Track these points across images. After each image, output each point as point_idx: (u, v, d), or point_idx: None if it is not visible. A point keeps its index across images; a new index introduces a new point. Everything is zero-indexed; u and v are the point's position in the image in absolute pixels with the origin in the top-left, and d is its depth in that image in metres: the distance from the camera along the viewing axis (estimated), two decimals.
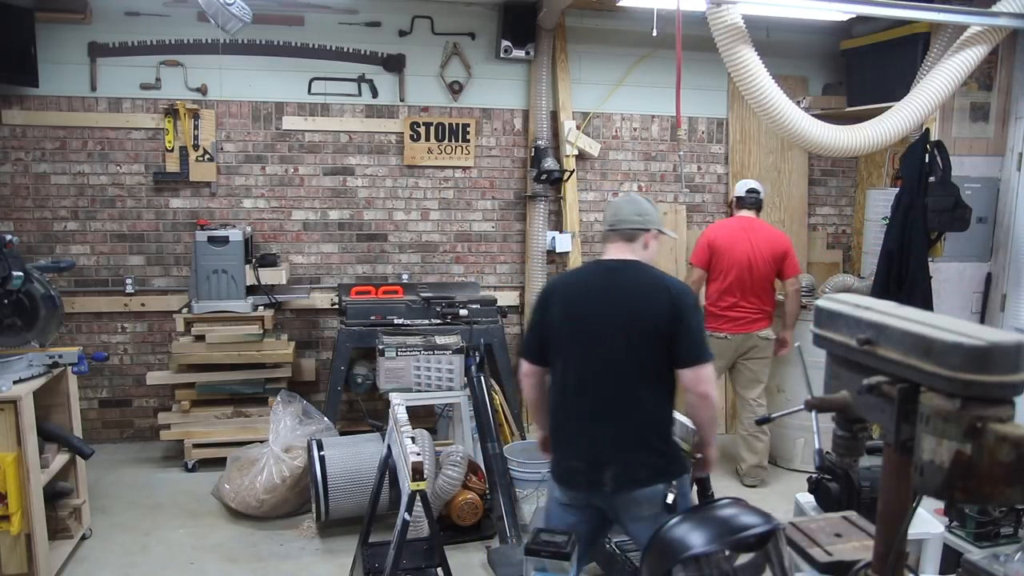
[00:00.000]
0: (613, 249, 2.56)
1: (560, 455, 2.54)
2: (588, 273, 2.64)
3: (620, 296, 2.44)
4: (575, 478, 2.46)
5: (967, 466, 0.92)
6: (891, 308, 1.08)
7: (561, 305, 2.50)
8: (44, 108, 4.81)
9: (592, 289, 2.50)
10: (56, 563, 3.44)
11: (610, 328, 2.41)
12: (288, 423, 4.17)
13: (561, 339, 2.49)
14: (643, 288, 2.44)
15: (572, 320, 2.47)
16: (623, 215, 2.54)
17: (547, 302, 2.55)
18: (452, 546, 3.65)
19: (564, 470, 2.51)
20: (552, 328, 2.50)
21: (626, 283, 2.47)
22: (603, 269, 2.56)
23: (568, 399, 2.49)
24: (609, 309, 2.43)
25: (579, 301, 2.49)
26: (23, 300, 3.41)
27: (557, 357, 2.51)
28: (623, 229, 2.53)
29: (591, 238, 5.64)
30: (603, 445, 2.41)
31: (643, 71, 5.49)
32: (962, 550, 2.68)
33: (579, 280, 2.61)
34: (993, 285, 5.14)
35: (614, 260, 2.54)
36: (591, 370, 2.44)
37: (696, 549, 1.32)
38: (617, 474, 2.39)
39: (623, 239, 2.53)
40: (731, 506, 1.44)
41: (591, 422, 2.44)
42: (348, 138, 5.20)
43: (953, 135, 4.98)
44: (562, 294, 2.54)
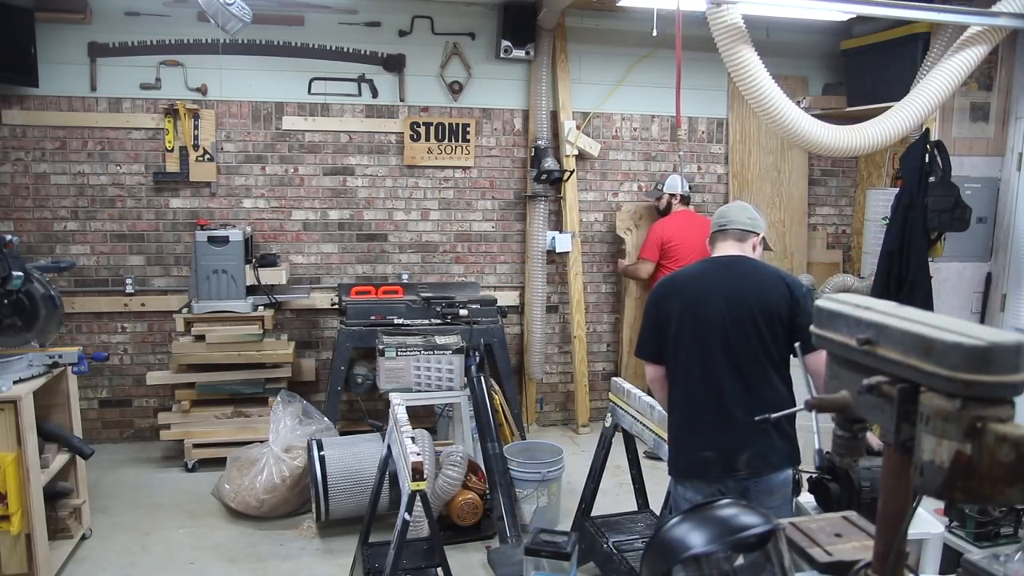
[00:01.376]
0: (723, 247, 2.67)
1: (688, 448, 2.57)
2: (704, 269, 2.68)
3: (741, 287, 2.54)
4: (708, 468, 2.51)
5: (967, 466, 0.92)
6: (891, 308, 1.08)
7: (682, 302, 2.57)
8: (44, 108, 4.81)
9: (712, 283, 2.58)
10: (56, 563, 3.45)
11: (736, 318, 2.50)
12: (288, 423, 4.17)
13: (683, 335, 2.55)
14: (762, 278, 2.56)
15: (696, 314, 2.53)
16: (734, 217, 2.66)
17: (664, 302, 2.62)
18: (452, 546, 3.65)
19: (695, 462, 2.55)
20: (672, 326, 2.57)
21: (744, 274, 2.57)
22: (718, 264, 2.64)
23: (696, 391, 2.54)
24: (732, 300, 2.52)
25: (701, 295, 2.56)
26: (23, 300, 3.41)
27: (679, 352, 2.56)
28: (734, 229, 2.65)
29: (591, 238, 5.64)
30: (737, 432, 2.47)
31: (643, 71, 5.50)
32: (962, 550, 2.68)
33: (696, 276, 2.66)
34: (993, 285, 5.15)
35: (727, 255, 2.64)
36: (720, 360, 2.50)
37: (696, 549, 1.32)
38: (751, 458, 2.47)
39: (734, 239, 2.65)
40: (731, 506, 1.44)
41: (723, 411, 2.49)
42: (348, 138, 5.20)
43: (953, 135, 4.98)
44: (680, 292, 2.60)
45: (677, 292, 2.61)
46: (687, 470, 2.57)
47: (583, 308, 5.57)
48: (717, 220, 2.70)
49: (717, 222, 2.69)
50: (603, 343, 5.78)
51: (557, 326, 5.68)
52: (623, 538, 3.45)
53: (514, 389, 4.98)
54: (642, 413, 3.29)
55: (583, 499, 3.64)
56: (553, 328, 5.66)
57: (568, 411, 5.77)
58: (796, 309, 2.50)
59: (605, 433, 3.59)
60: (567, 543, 3.09)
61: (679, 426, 2.61)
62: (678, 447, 2.61)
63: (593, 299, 5.71)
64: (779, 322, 2.50)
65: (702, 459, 2.52)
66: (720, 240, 2.68)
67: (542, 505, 3.97)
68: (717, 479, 2.51)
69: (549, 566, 3.05)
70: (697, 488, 2.54)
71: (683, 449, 2.59)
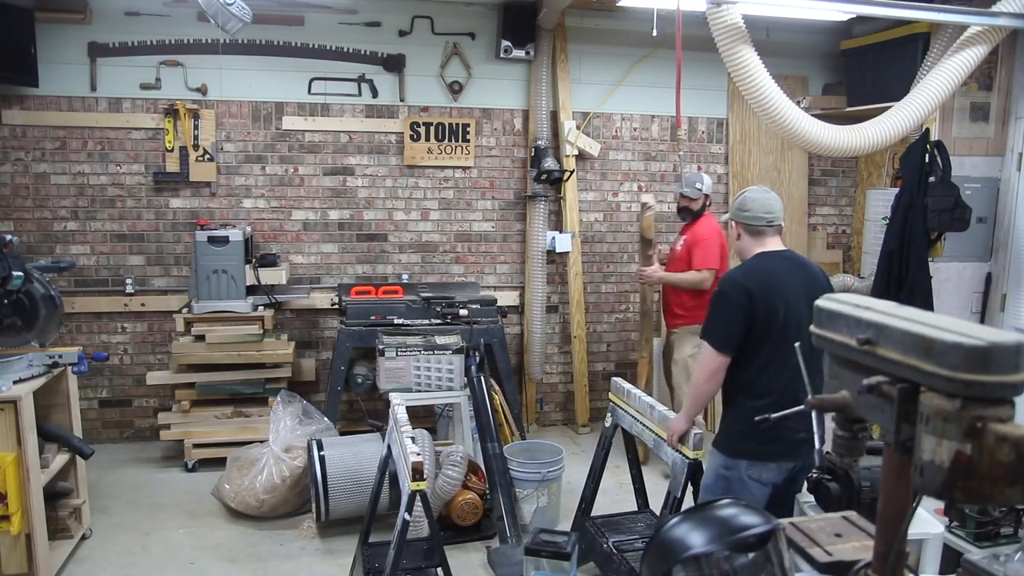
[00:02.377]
0: (772, 242, 2.79)
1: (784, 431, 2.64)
2: (779, 264, 2.76)
3: (810, 282, 2.71)
4: (800, 448, 2.67)
5: (967, 466, 0.92)
6: (891, 308, 1.08)
7: (783, 297, 2.67)
8: (44, 108, 4.81)
9: (792, 278, 2.72)
10: (56, 563, 3.45)
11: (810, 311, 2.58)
12: (288, 423, 4.17)
13: (785, 326, 2.66)
14: (813, 274, 2.79)
15: (794, 309, 2.64)
16: (777, 210, 2.77)
17: (764, 296, 2.67)
18: (452, 546, 3.65)
19: (790, 444, 2.68)
20: (778, 318, 2.66)
21: (806, 271, 2.78)
22: (784, 259, 2.78)
23: (794, 379, 2.58)
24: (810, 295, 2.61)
25: (793, 290, 2.68)
26: (23, 300, 3.41)
27: (781, 344, 2.65)
28: (779, 224, 2.79)
29: (591, 238, 5.64)
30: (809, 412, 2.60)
31: (643, 71, 5.50)
32: (962, 550, 2.68)
33: (782, 271, 2.74)
34: (993, 285, 5.14)
35: (785, 251, 2.80)
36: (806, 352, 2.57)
37: (696, 549, 1.32)
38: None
39: (778, 232, 2.80)
40: (731, 506, 1.44)
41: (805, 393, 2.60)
42: (348, 138, 5.20)
43: (953, 135, 4.98)
44: (780, 286, 2.69)
45: (778, 286, 2.68)
46: (778, 452, 2.69)
47: (583, 308, 5.57)
48: (762, 214, 2.75)
49: (764, 216, 2.75)
50: (603, 343, 5.78)
51: (557, 326, 5.68)
52: (623, 538, 3.45)
53: (514, 389, 4.98)
54: (642, 413, 3.29)
55: (583, 499, 3.64)
56: (553, 328, 5.66)
57: (568, 411, 5.77)
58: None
59: (605, 433, 3.59)
60: (567, 543, 3.09)
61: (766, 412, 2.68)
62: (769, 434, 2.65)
63: (593, 299, 5.71)
64: None
65: (796, 441, 2.66)
66: (767, 235, 2.77)
67: (542, 505, 3.97)
68: (802, 457, 2.68)
69: (549, 566, 3.05)
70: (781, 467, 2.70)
71: (775, 436, 2.65)
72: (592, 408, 5.64)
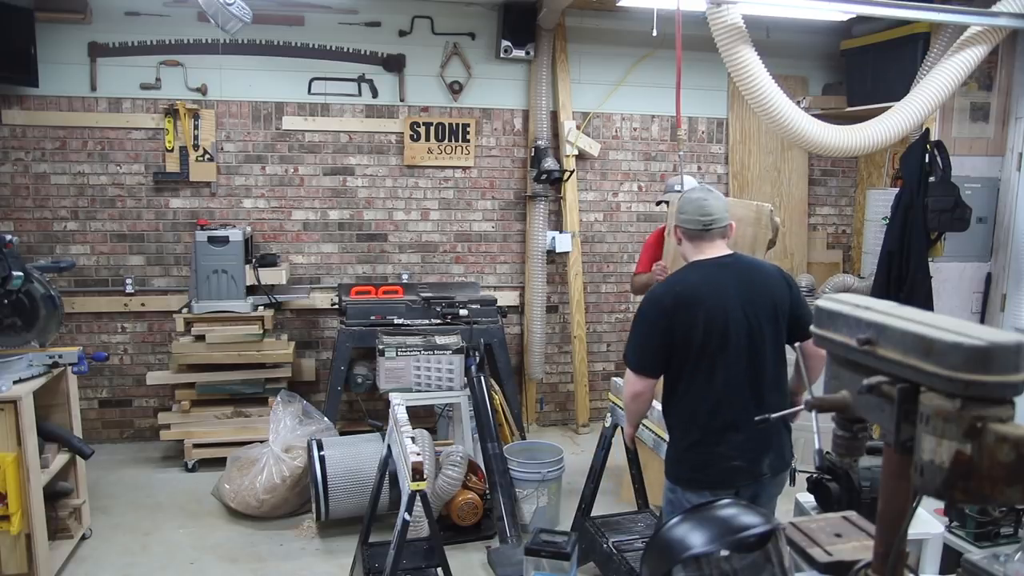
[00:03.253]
0: (711, 247, 2.53)
1: (713, 459, 2.47)
2: (707, 274, 2.51)
3: (752, 290, 2.46)
4: (736, 476, 2.46)
5: (967, 466, 0.92)
6: (891, 308, 1.08)
7: (704, 311, 2.42)
8: (44, 108, 4.81)
9: (726, 288, 2.46)
10: (56, 563, 3.45)
11: (754, 323, 2.45)
12: (288, 423, 4.17)
13: (709, 345, 2.42)
14: (764, 277, 2.52)
15: (719, 323, 2.42)
16: (717, 212, 2.50)
17: (681, 312, 2.44)
18: (452, 546, 3.65)
19: (721, 471, 2.46)
20: (696, 336, 2.42)
21: (750, 276, 2.50)
22: (721, 267, 2.51)
23: (722, 402, 2.44)
24: (748, 305, 2.44)
25: (721, 302, 2.43)
26: (23, 300, 3.41)
27: (702, 363, 2.44)
28: (721, 228, 2.52)
29: (591, 238, 5.64)
30: (760, 436, 2.45)
31: (643, 71, 5.50)
32: (962, 550, 2.68)
33: (708, 282, 2.48)
34: (993, 285, 5.14)
35: (723, 256, 2.53)
36: (744, 367, 2.44)
37: (696, 549, 1.32)
38: (773, 460, 2.49)
39: (720, 236, 2.54)
40: (731, 506, 1.44)
41: (747, 418, 2.38)
42: (348, 138, 5.20)
43: (953, 135, 4.98)
44: (699, 300, 2.44)
45: (695, 301, 2.44)
46: (710, 481, 2.47)
47: (583, 308, 5.57)
48: (698, 217, 2.49)
49: (700, 220, 2.49)
50: (603, 343, 5.78)
51: (557, 326, 5.68)
52: (623, 538, 3.45)
53: (514, 389, 4.98)
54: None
55: (583, 499, 3.64)
56: (553, 328, 5.66)
57: (568, 411, 5.77)
58: (796, 302, 2.54)
59: (605, 433, 3.59)
60: (567, 543, 3.09)
61: (702, 439, 2.49)
62: (699, 460, 2.50)
63: (593, 299, 5.71)
64: (783, 319, 2.50)
65: (730, 469, 2.45)
66: (706, 240, 2.52)
67: (542, 505, 3.97)
68: (744, 486, 2.47)
69: (549, 566, 3.05)
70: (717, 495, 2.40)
71: (705, 462, 2.48)
72: (592, 408, 5.64)
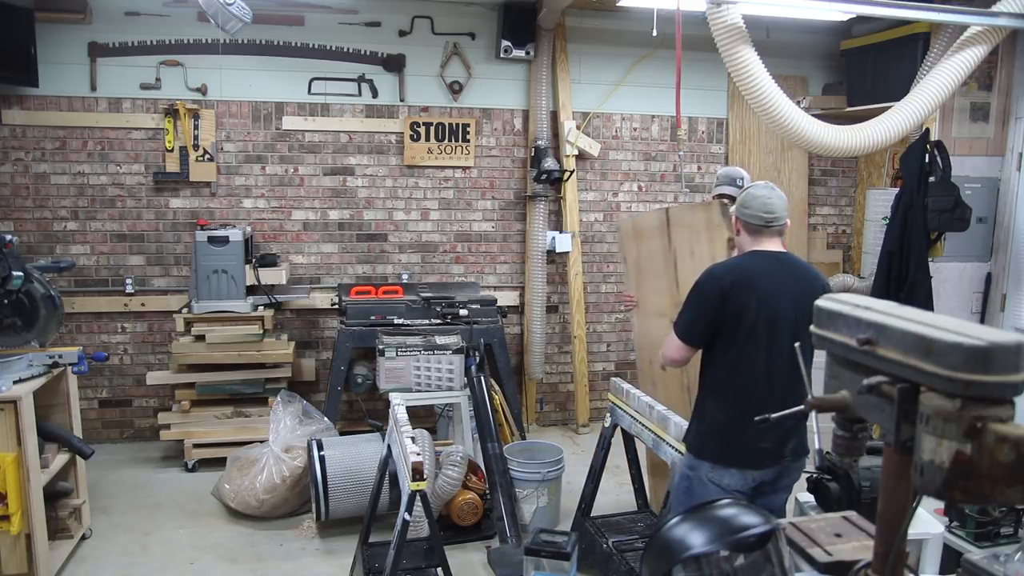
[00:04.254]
0: (770, 243, 2.68)
1: (744, 438, 2.58)
2: (765, 263, 2.66)
3: (801, 286, 2.58)
4: (762, 457, 2.60)
5: (967, 466, 0.92)
6: (891, 308, 1.08)
7: (757, 297, 2.57)
8: (44, 108, 4.81)
9: (780, 280, 2.60)
10: (56, 563, 3.45)
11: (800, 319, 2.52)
12: (288, 423, 4.17)
13: (757, 329, 2.56)
14: (808, 277, 2.66)
15: (770, 311, 2.56)
16: (779, 211, 2.64)
17: (737, 293, 2.58)
18: (452, 546, 3.65)
19: (749, 451, 2.59)
20: (746, 318, 2.57)
21: (800, 274, 2.66)
22: (778, 261, 2.66)
23: (759, 385, 2.57)
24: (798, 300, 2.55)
25: (775, 292, 2.58)
26: (23, 300, 3.41)
27: (747, 346, 2.58)
28: (779, 226, 2.67)
29: (591, 238, 5.64)
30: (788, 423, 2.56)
31: (643, 71, 5.50)
32: (962, 550, 2.68)
33: (766, 271, 2.63)
34: (993, 285, 5.14)
35: (780, 252, 2.68)
36: (783, 357, 2.55)
37: (696, 549, 1.32)
38: (797, 445, 2.64)
39: (778, 233, 2.68)
40: (731, 506, 1.44)
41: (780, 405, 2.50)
42: (348, 138, 5.20)
43: (953, 135, 4.98)
44: (755, 286, 2.59)
45: (752, 286, 2.58)
46: (737, 458, 2.61)
47: (583, 308, 5.57)
48: (762, 214, 2.64)
49: (763, 217, 2.64)
50: (603, 343, 5.78)
51: (557, 326, 5.68)
52: (623, 538, 3.45)
53: (514, 389, 4.98)
54: (641, 413, 3.29)
55: (583, 499, 3.65)
56: (553, 328, 5.66)
57: (568, 411, 5.77)
58: None
59: (605, 433, 3.60)
60: (567, 543, 3.09)
61: (735, 416, 2.61)
62: (730, 437, 2.62)
63: (593, 299, 5.71)
64: None
65: (758, 450, 2.58)
66: (768, 235, 2.66)
67: (542, 505, 3.97)
68: (768, 466, 2.61)
69: (549, 566, 3.05)
70: (744, 474, 2.61)
71: (736, 439, 2.60)
72: (592, 408, 5.64)
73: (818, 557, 1.40)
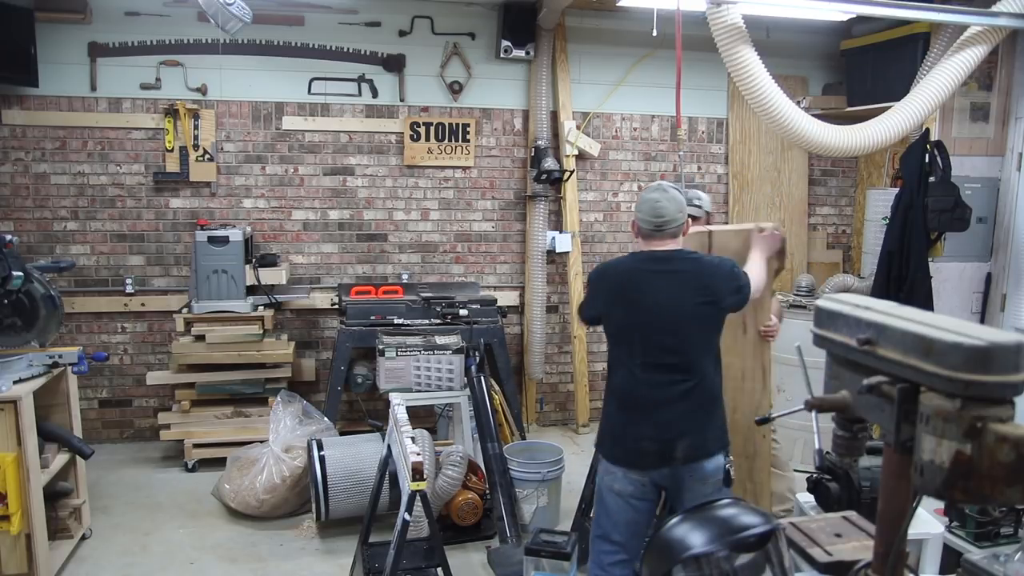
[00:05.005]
0: (659, 244, 2.65)
1: (625, 438, 2.59)
2: (638, 264, 2.67)
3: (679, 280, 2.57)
4: (645, 458, 2.56)
5: (967, 466, 0.92)
6: (891, 308, 1.08)
7: (623, 296, 2.61)
8: (44, 108, 4.81)
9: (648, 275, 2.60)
10: (56, 563, 3.44)
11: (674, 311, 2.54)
12: (288, 423, 4.17)
13: (624, 326, 2.61)
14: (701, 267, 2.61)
15: (636, 307, 2.58)
16: (669, 215, 2.60)
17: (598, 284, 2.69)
18: (452, 546, 3.65)
19: (631, 452, 2.58)
20: (610, 312, 2.64)
21: (682, 268, 2.61)
22: (652, 258, 2.64)
23: (637, 383, 2.58)
24: (670, 294, 2.55)
25: (638, 289, 2.59)
26: (23, 300, 3.41)
27: (620, 342, 2.63)
28: (671, 230, 2.63)
29: (591, 238, 5.64)
30: (675, 423, 2.53)
31: (643, 71, 5.49)
32: (962, 550, 2.68)
33: (633, 267, 2.66)
34: (993, 285, 5.14)
35: (664, 250, 2.64)
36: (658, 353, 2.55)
37: (696, 549, 1.32)
38: (688, 447, 2.54)
39: (669, 237, 2.64)
40: (731, 506, 1.44)
41: (661, 402, 2.55)
42: (348, 138, 5.20)
43: (953, 135, 4.98)
44: (616, 279, 2.65)
45: (623, 286, 2.63)
46: (623, 458, 2.60)
47: None
48: (649, 218, 2.60)
49: (652, 221, 2.60)
50: (603, 343, 5.76)
51: (557, 326, 5.68)
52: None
53: (514, 389, 4.98)
54: None
55: (583, 499, 3.65)
56: (553, 328, 5.66)
57: (568, 411, 5.77)
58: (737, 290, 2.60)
59: None
60: (567, 543, 3.09)
61: (616, 415, 2.65)
62: (614, 434, 2.64)
63: None
64: (718, 308, 2.58)
65: (639, 450, 2.56)
66: (659, 239, 2.63)
67: (542, 505, 3.97)
68: (653, 468, 2.56)
69: (549, 566, 3.06)
70: (630, 477, 2.58)
71: (619, 438, 2.62)
72: (592, 408, 5.64)
73: (818, 557, 1.40)
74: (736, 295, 2.60)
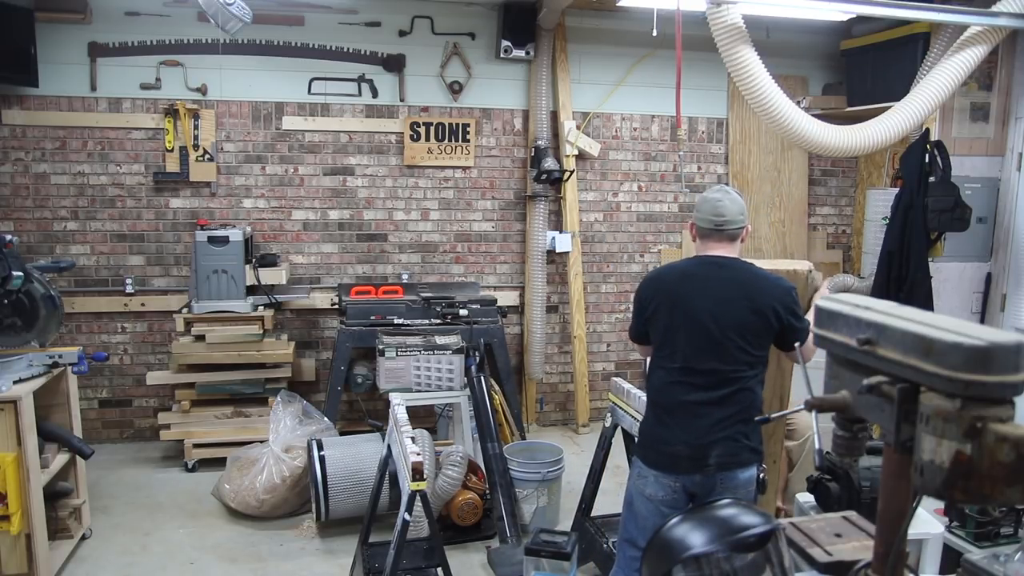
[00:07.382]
0: (720, 247, 2.61)
1: (659, 441, 2.58)
2: (693, 269, 2.64)
3: (732, 289, 2.53)
4: (678, 463, 2.53)
5: (967, 466, 0.92)
6: (891, 308, 1.08)
7: (668, 298, 2.59)
8: (44, 108, 4.81)
9: (702, 281, 2.56)
10: (56, 563, 3.45)
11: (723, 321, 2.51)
12: (288, 423, 4.17)
13: (670, 331, 2.57)
14: (754, 281, 2.56)
15: (682, 313, 2.55)
16: (729, 215, 2.57)
17: (647, 296, 2.65)
18: (452, 546, 3.65)
19: (664, 455, 2.56)
20: (659, 320, 2.60)
21: (736, 277, 2.56)
22: (710, 265, 2.61)
23: (674, 387, 2.56)
24: (719, 302, 2.52)
25: (688, 294, 2.56)
26: (23, 300, 3.41)
27: (664, 346, 2.59)
28: (730, 231, 2.59)
29: (591, 238, 5.64)
30: (709, 429, 2.51)
31: (643, 71, 5.50)
32: (962, 550, 2.68)
33: (687, 272, 2.63)
34: (993, 285, 5.14)
35: (720, 256, 2.60)
36: (700, 360, 2.53)
37: (696, 549, 1.32)
38: (721, 454, 2.52)
39: (728, 239, 2.60)
40: (731, 506, 1.44)
41: (698, 409, 2.53)
42: (348, 138, 5.20)
43: (953, 135, 4.98)
44: (664, 288, 2.62)
45: (672, 291, 2.59)
46: (657, 461, 2.58)
47: (583, 308, 5.57)
48: (710, 217, 2.58)
49: (712, 220, 2.57)
50: (603, 343, 5.78)
51: (557, 326, 5.68)
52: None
53: (514, 389, 4.98)
54: (642, 413, 3.28)
55: (583, 499, 3.64)
56: (553, 328, 5.66)
57: (568, 411, 5.77)
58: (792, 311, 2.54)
59: (605, 433, 3.59)
60: (567, 543, 3.09)
61: (652, 416, 2.65)
62: (649, 436, 2.63)
63: (593, 299, 5.71)
64: (769, 325, 2.51)
65: (672, 453, 2.54)
66: (716, 239, 2.60)
67: (542, 505, 3.97)
68: (685, 473, 2.53)
69: (549, 566, 3.06)
70: (661, 481, 2.56)
71: (653, 440, 2.61)
72: (592, 408, 5.64)
73: (818, 557, 1.40)
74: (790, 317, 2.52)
